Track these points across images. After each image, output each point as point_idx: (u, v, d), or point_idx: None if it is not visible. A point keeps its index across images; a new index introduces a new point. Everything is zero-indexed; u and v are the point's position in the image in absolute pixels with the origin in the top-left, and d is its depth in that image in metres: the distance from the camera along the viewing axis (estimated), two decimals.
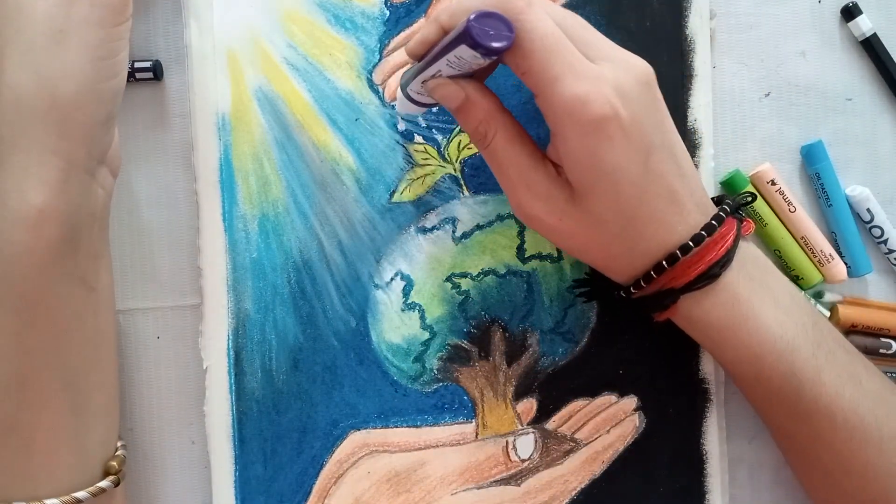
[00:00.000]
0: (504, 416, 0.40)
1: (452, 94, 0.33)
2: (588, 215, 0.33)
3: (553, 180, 0.34)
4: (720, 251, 0.33)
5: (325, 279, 0.40)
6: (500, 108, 0.34)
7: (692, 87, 0.40)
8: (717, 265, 0.33)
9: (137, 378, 0.40)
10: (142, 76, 0.39)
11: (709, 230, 0.33)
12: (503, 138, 0.34)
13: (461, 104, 0.33)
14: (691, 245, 0.33)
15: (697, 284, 0.34)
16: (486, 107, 0.33)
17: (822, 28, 0.41)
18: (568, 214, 0.34)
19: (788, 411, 0.35)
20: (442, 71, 0.32)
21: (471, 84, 0.33)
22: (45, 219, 0.30)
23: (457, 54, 0.30)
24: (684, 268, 0.34)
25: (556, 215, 0.34)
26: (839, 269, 0.40)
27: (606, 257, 0.36)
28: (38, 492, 0.32)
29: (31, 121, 0.30)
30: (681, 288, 0.34)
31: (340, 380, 0.40)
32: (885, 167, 0.42)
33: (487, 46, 0.28)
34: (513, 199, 0.35)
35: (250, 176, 0.40)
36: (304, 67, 0.40)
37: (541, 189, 0.34)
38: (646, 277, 0.35)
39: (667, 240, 0.34)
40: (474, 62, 0.30)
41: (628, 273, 0.35)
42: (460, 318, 0.40)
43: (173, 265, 0.40)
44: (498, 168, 0.35)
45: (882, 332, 0.41)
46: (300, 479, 0.39)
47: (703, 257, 0.33)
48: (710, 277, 0.34)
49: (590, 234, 0.34)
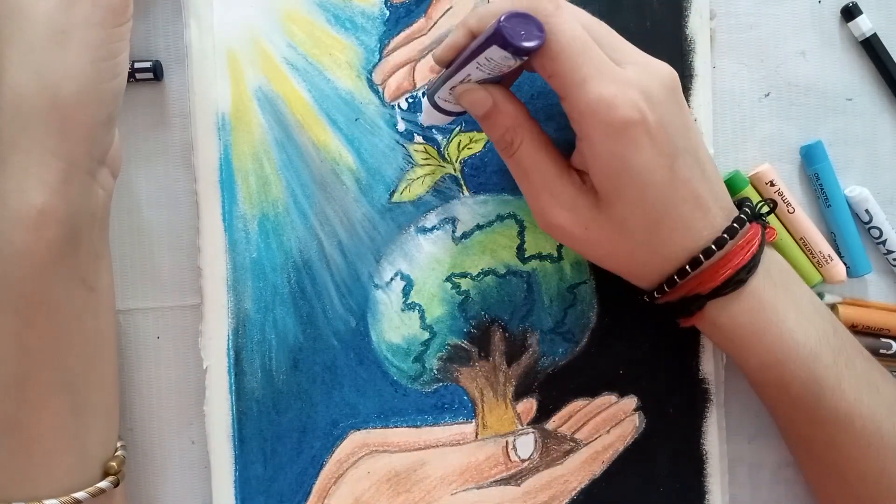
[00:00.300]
0: (504, 416, 0.40)
1: (481, 100, 0.33)
2: (613, 223, 0.33)
3: (578, 189, 0.34)
4: (746, 256, 0.33)
5: (325, 279, 0.40)
6: (527, 116, 0.34)
7: (692, 87, 0.40)
8: (743, 270, 0.33)
9: (137, 378, 0.40)
10: (142, 76, 0.39)
11: (731, 233, 0.33)
12: (530, 146, 0.34)
13: (489, 110, 0.33)
14: (714, 248, 0.33)
15: (724, 290, 0.34)
16: (513, 113, 0.33)
17: (822, 28, 0.41)
18: (593, 224, 0.34)
19: (807, 417, 0.35)
20: (472, 75, 0.32)
21: (499, 91, 0.33)
22: (45, 219, 0.30)
23: (488, 56, 0.30)
24: (711, 273, 0.33)
25: (582, 225, 0.34)
26: (838, 270, 0.40)
27: (631, 264, 0.36)
28: (38, 492, 0.32)
29: (31, 121, 0.30)
30: (708, 293, 0.34)
31: (340, 380, 0.40)
32: (886, 167, 0.42)
33: (518, 46, 0.28)
34: (536, 208, 0.35)
35: (250, 176, 0.40)
36: (304, 67, 0.40)
37: (566, 198, 0.34)
38: (670, 282, 0.34)
39: (692, 244, 0.33)
40: (505, 64, 0.30)
41: (653, 279, 0.35)
42: (460, 318, 0.40)
43: (173, 265, 0.40)
44: (523, 176, 0.35)
45: (882, 333, 0.41)
46: (300, 479, 0.39)
47: (730, 261, 0.33)
48: (737, 283, 0.33)
49: (615, 242, 0.34)
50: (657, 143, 0.31)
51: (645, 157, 0.31)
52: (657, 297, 0.36)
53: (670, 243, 0.34)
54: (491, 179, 0.40)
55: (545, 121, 0.40)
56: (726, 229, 0.33)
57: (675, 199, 0.33)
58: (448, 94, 0.34)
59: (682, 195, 0.33)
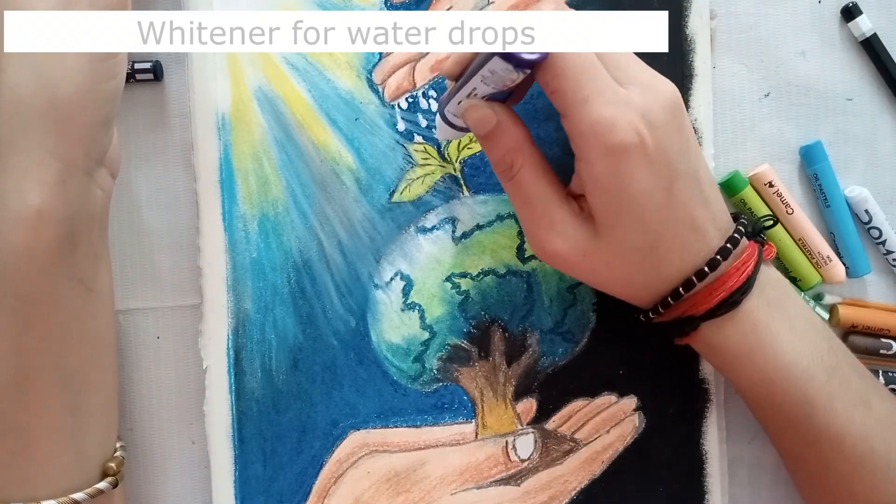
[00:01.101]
0: (504, 416, 0.40)
1: (485, 118, 0.33)
2: (611, 248, 0.33)
3: (576, 217, 0.34)
4: (741, 278, 0.33)
5: (324, 279, 0.40)
6: (529, 140, 0.34)
7: (692, 87, 0.40)
8: (737, 292, 0.33)
9: (137, 378, 0.40)
10: (142, 77, 0.39)
11: (724, 253, 0.33)
12: (529, 171, 0.33)
13: (491, 130, 0.33)
14: (707, 271, 0.33)
15: (718, 312, 0.34)
16: (516, 135, 0.33)
17: (822, 28, 0.41)
18: (591, 251, 0.33)
19: (798, 436, 0.35)
20: (477, 88, 0.32)
21: (504, 111, 0.33)
22: (43, 220, 0.30)
23: (490, 68, 0.29)
24: (705, 295, 0.33)
25: (580, 252, 0.34)
26: (838, 271, 0.40)
27: (628, 287, 0.35)
28: (36, 493, 0.32)
29: (29, 121, 0.30)
30: (701, 315, 0.34)
31: (340, 379, 0.40)
32: (886, 168, 0.42)
33: (520, 58, 0.28)
34: (533, 236, 0.35)
35: (250, 176, 0.40)
36: (303, 67, 0.40)
37: (565, 227, 0.33)
38: (664, 304, 0.35)
39: (688, 267, 0.33)
40: (508, 77, 0.30)
41: (650, 299, 0.35)
42: (460, 318, 0.40)
43: (173, 265, 0.40)
44: (521, 202, 0.34)
45: (882, 333, 0.41)
46: (300, 478, 0.39)
47: (724, 283, 0.33)
48: (731, 305, 0.33)
49: (612, 268, 0.34)
50: (655, 167, 0.31)
51: (643, 181, 0.31)
52: (652, 317, 0.36)
53: (667, 265, 0.34)
54: (491, 179, 0.40)
55: (545, 120, 0.40)
56: (719, 250, 0.33)
57: (672, 221, 0.33)
58: (457, 109, 0.34)
59: (680, 217, 0.33)
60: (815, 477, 0.37)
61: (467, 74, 0.32)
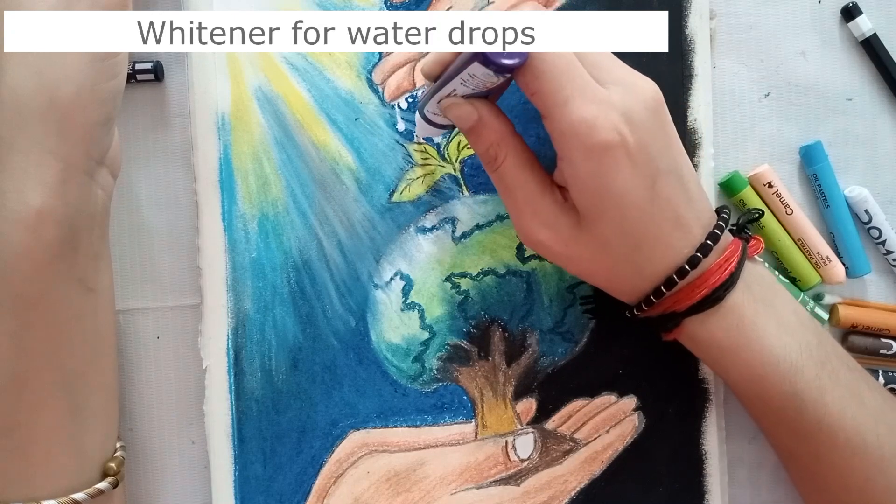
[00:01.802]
0: (503, 415, 0.40)
1: (466, 115, 0.33)
2: (594, 240, 0.33)
3: (560, 207, 0.34)
4: (724, 275, 0.33)
5: (324, 279, 0.40)
6: (512, 132, 0.34)
7: (692, 87, 0.40)
8: (720, 288, 0.33)
9: (137, 378, 0.40)
10: (143, 77, 0.39)
11: (704, 250, 0.33)
12: (513, 162, 0.34)
13: (474, 125, 0.33)
14: (687, 269, 0.33)
15: (701, 308, 0.34)
16: (498, 129, 0.33)
17: (822, 28, 0.41)
18: (574, 241, 0.34)
19: (790, 430, 0.35)
20: (457, 90, 0.32)
21: (485, 105, 0.33)
22: (43, 220, 0.30)
23: (470, 72, 0.30)
24: (688, 291, 0.34)
25: (562, 242, 0.34)
26: (837, 271, 0.40)
27: (612, 280, 0.36)
28: (36, 493, 0.32)
29: (30, 121, 0.30)
30: (684, 311, 0.34)
31: (340, 379, 0.40)
32: (885, 167, 0.42)
33: (499, 64, 0.28)
34: (519, 224, 0.35)
35: (250, 176, 0.40)
36: (303, 67, 0.40)
37: (548, 216, 0.34)
38: (647, 301, 0.35)
39: (672, 264, 0.34)
40: (487, 80, 0.30)
41: (635, 295, 0.35)
42: (460, 317, 0.40)
43: (173, 265, 0.40)
44: (506, 192, 0.35)
45: (882, 333, 0.41)
46: (300, 478, 0.39)
47: (707, 280, 0.33)
48: (713, 301, 0.34)
49: (596, 260, 0.34)
50: (637, 165, 0.31)
51: (625, 179, 0.31)
52: (637, 313, 0.36)
53: (651, 262, 0.34)
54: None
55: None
56: (700, 247, 0.33)
57: (655, 219, 0.33)
58: (436, 108, 0.34)
59: (664, 215, 0.33)
60: (809, 471, 0.37)
61: (447, 76, 0.32)
